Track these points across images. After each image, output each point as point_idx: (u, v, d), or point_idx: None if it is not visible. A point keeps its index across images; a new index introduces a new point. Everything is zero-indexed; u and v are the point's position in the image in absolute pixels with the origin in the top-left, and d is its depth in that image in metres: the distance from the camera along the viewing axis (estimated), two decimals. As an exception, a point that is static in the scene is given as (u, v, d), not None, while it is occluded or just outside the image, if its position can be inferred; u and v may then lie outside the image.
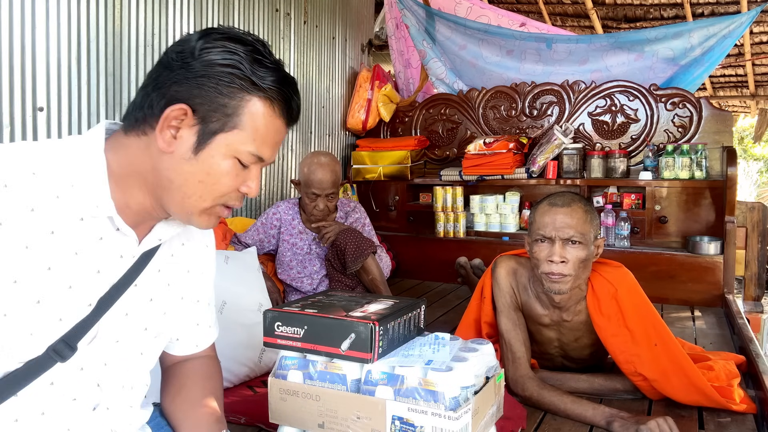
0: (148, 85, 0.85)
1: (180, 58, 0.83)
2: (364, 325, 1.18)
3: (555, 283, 1.62)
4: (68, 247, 0.81)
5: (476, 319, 1.94)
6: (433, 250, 3.60)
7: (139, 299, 0.93)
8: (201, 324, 1.10)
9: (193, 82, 0.82)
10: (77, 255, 0.82)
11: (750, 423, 1.58)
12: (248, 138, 0.84)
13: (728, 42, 3.38)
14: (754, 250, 3.32)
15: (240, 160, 0.85)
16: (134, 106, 0.87)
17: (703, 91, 6.50)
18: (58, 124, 2.04)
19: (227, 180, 0.85)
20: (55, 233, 0.79)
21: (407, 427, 1.16)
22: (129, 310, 0.91)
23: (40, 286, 0.79)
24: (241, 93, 0.83)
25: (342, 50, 4.04)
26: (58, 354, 0.82)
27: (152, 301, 0.95)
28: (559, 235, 1.60)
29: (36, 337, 0.80)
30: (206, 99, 0.82)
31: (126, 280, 0.89)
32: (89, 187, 0.82)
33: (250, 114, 0.84)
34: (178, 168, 0.84)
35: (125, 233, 0.87)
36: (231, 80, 0.82)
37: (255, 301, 1.98)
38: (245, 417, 1.58)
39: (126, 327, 0.92)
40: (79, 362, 0.86)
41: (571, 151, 3.45)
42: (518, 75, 3.82)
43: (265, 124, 0.85)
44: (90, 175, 0.83)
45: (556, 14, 5.57)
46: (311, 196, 2.49)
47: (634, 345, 1.65)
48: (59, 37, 2.03)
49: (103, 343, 0.89)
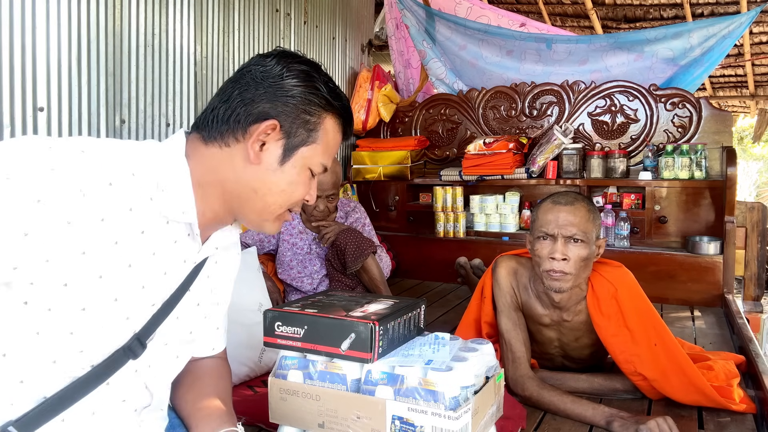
0: (231, 100, 0.91)
1: (265, 77, 0.91)
2: (364, 325, 1.19)
3: (556, 281, 1.63)
4: (150, 248, 0.85)
5: (476, 319, 1.94)
6: (433, 250, 3.60)
7: (190, 304, 0.97)
8: (220, 328, 1.14)
9: (281, 100, 0.90)
10: (154, 255, 0.86)
11: (750, 423, 1.58)
12: (321, 151, 0.95)
13: (728, 42, 3.39)
14: (754, 250, 3.32)
15: (312, 170, 0.96)
16: (216, 119, 0.91)
17: (703, 92, 6.50)
18: (58, 124, 2.04)
19: (302, 189, 0.95)
20: (144, 233, 0.83)
21: (407, 426, 1.16)
22: (180, 314, 0.95)
23: (120, 284, 0.82)
24: (320, 111, 0.93)
25: (342, 50, 4.04)
26: (132, 351, 0.86)
27: (198, 306, 1.00)
28: (562, 232, 1.60)
29: (110, 335, 0.84)
30: (291, 116, 0.91)
31: (185, 284, 0.93)
32: (177, 193, 0.87)
33: (325, 130, 0.94)
34: (264, 178, 0.92)
35: (195, 240, 0.92)
36: (312, 100, 0.92)
37: (255, 301, 1.98)
38: (245, 417, 1.57)
39: (175, 330, 0.95)
40: (134, 364, 0.89)
41: (570, 151, 3.45)
42: (518, 75, 3.82)
43: (333, 138, 0.97)
44: (177, 181, 0.88)
45: (556, 14, 5.57)
46: None
47: (634, 345, 1.65)
48: (59, 37, 2.03)
49: (155, 345, 0.92)
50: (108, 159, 0.80)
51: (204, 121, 0.92)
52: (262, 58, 0.93)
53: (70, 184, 0.74)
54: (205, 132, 0.92)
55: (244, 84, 0.91)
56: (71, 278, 0.76)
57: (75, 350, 0.81)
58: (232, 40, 2.91)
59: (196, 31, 2.66)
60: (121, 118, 2.31)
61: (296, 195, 0.95)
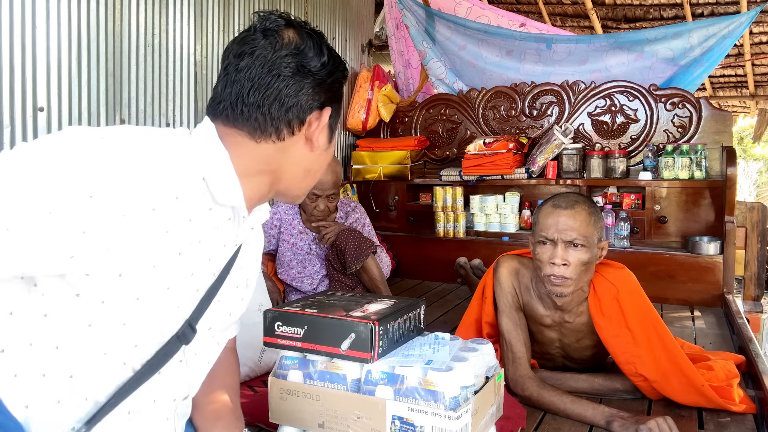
0: (270, 89, 0.89)
1: (301, 65, 0.90)
2: (364, 325, 1.19)
3: (557, 286, 1.62)
4: (196, 235, 0.86)
5: (477, 319, 1.94)
6: (433, 250, 3.60)
7: (230, 287, 0.98)
8: (233, 314, 1.12)
9: (325, 86, 0.94)
10: (200, 243, 0.87)
11: (750, 423, 1.58)
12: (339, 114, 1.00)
13: (728, 42, 3.39)
14: (754, 250, 3.32)
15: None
16: (266, 118, 0.89)
17: (703, 92, 6.50)
18: (58, 124, 2.04)
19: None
20: (192, 221, 0.84)
21: (407, 426, 1.16)
22: (222, 298, 0.96)
23: (172, 272, 0.83)
24: (341, 84, 1.00)
25: (342, 50, 4.04)
26: (184, 337, 0.88)
27: (237, 288, 1.01)
28: (562, 237, 1.60)
29: (163, 324, 0.85)
30: (334, 98, 0.97)
31: (227, 268, 0.94)
32: (221, 179, 0.87)
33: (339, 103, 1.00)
34: (318, 159, 0.98)
35: (239, 224, 0.94)
36: (338, 78, 0.97)
37: (255, 301, 1.97)
38: (245, 417, 1.57)
39: (218, 315, 0.97)
40: (181, 354, 0.90)
41: (570, 151, 3.45)
42: (518, 75, 3.82)
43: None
44: (220, 168, 0.87)
45: (556, 14, 5.57)
46: (312, 197, 2.49)
47: (635, 346, 1.65)
48: (59, 37, 2.03)
49: (201, 331, 0.93)
50: (149, 149, 0.81)
51: (233, 111, 0.89)
52: (276, 36, 0.91)
53: (123, 178, 0.76)
54: (240, 123, 0.89)
55: (279, 71, 0.89)
56: (126, 269, 0.78)
57: (129, 344, 0.82)
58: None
59: (196, 31, 2.66)
60: (121, 118, 2.31)
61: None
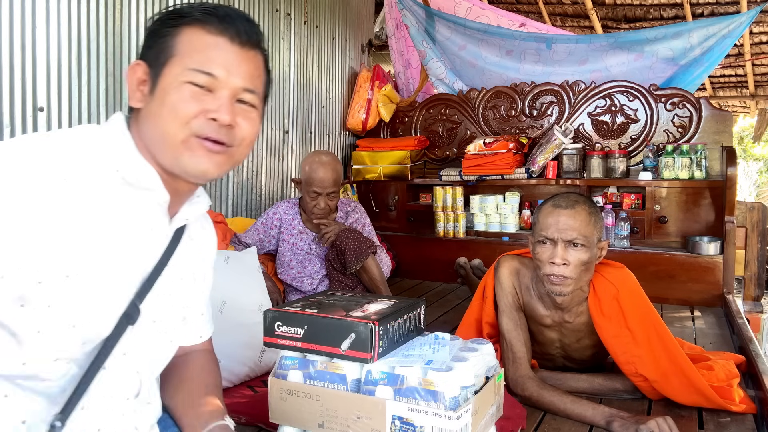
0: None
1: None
2: (364, 325, 1.19)
3: (556, 285, 1.62)
4: (102, 215, 0.86)
5: (477, 319, 1.94)
6: (433, 250, 3.60)
7: (172, 277, 0.97)
8: (205, 314, 1.14)
9: (144, 45, 0.92)
10: (112, 224, 0.86)
11: (750, 423, 1.58)
12: (188, 60, 0.88)
13: (728, 42, 3.38)
14: (754, 250, 3.32)
15: (193, 82, 0.88)
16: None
17: (703, 91, 6.50)
18: (58, 124, 2.04)
19: (184, 105, 0.88)
20: (89, 200, 0.84)
21: (407, 426, 1.16)
22: (164, 287, 0.96)
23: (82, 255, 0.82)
24: (172, 29, 0.90)
25: (342, 50, 4.04)
26: (130, 317, 0.88)
27: (182, 280, 1.01)
28: (562, 237, 1.60)
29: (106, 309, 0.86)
30: (151, 49, 0.90)
31: (164, 258, 0.94)
32: (124, 160, 0.88)
33: (184, 41, 0.89)
34: (150, 114, 0.89)
35: (164, 212, 0.94)
36: (163, 24, 0.90)
37: (255, 301, 1.98)
38: (245, 417, 1.58)
39: (162, 306, 0.96)
40: (122, 347, 0.89)
41: (570, 151, 3.45)
42: (518, 75, 3.82)
43: (200, 43, 0.89)
44: (120, 148, 0.89)
45: (556, 14, 5.57)
46: (312, 195, 2.49)
47: (635, 346, 1.65)
48: (59, 37, 2.03)
49: (144, 322, 0.92)
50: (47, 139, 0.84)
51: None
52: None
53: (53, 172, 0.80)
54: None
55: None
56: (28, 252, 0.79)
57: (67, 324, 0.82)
58: (232, 40, 2.90)
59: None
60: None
61: (181, 113, 0.87)
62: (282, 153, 3.40)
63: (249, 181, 3.10)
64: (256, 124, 0.95)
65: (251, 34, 0.92)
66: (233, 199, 3.00)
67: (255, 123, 0.95)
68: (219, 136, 0.89)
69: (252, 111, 0.94)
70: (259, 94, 0.95)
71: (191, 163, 0.89)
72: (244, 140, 0.93)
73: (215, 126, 0.88)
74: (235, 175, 2.99)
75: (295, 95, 3.49)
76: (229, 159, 0.92)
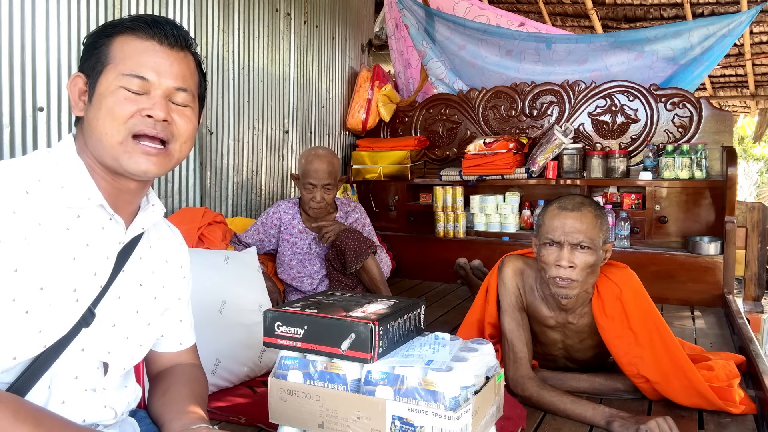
0: None
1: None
2: (364, 325, 1.18)
3: (562, 288, 1.62)
4: (79, 239, 0.92)
5: (479, 320, 1.93)
6: (433, 250, 3.60)
7: (129, 284, 1.01)
8: (183, 321, 1.16)
9: (82, 58, 0.96)
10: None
11: (750, 423, 1.58)
12: (121, 66, 0.93)
13: (728, 41, 3.38)
14: (754, 250, 3.32)
15: (127, 88, 0.92)
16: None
17: (703, 91, 6.50)
18: (58, 124, 2.04)
19: (119, 107, 0.92)
20: (67, 227, 0.91)
21: (407, 427, 1.16)
22: (121, 294, 0.99)
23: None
24: (106, 39, 0.95)
25: (342, 50, 4.04)
26: (85, 321, 0.92)
27: (141, 286, 1.03)
28: (568, 240, 1.59)
29: (68, 315, 0.90)
30: (89, 60, 0.95)
31: (116, 266, 0.98)
32: (78, 185, 0.93)
33: (117, 49, 0.94)
34: (90, 120, 0.93)
35: (117, 222, 0.97)
36: (98, 36, 0.95)
37: (255, 301, 1.98)
38: (245, 417, 1.58)
39: (120, 311, 0.99)
40: (80, 343, 0.93)
41: (571, 151, 3.45)
42: (518, 75, 3.82)
43: (131, 48, 0.94)
44: (75, 174, 0.93)
45: (556, 14, 5.57)
46: (308, 187, 2.51)
47: (638, 347, 1.65)
48: (59, 37, 2.03)
49: (102, 326, 0.96)
50: (26, 169, 0.90)
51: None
52: None
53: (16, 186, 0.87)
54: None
55: None
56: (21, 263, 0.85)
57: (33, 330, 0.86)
58: (232, 40, 2.90)
59: (196, 31, 2.65)
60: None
61: (117, 115, 0.92)
62: (282, 153, 3.40)
63: (249, 181, 3.10)
64: (191, 121, 0.99)
65: (179, 37, 0.97)
66: (233, 199, 3.00)
67: (190, 120, 0.99)
68: (156, 131, 0.93)
69: (186, 109, 0.98)
70: (192, 93, 0.99)
71: (131, 163, 0.93)
72: (181, 136, 0.98)
73: (151, 122, 0.93)
74: (235, 175, 2.99)
75: (295, 95, 3.49)
76: (168, 158, 0.97)
